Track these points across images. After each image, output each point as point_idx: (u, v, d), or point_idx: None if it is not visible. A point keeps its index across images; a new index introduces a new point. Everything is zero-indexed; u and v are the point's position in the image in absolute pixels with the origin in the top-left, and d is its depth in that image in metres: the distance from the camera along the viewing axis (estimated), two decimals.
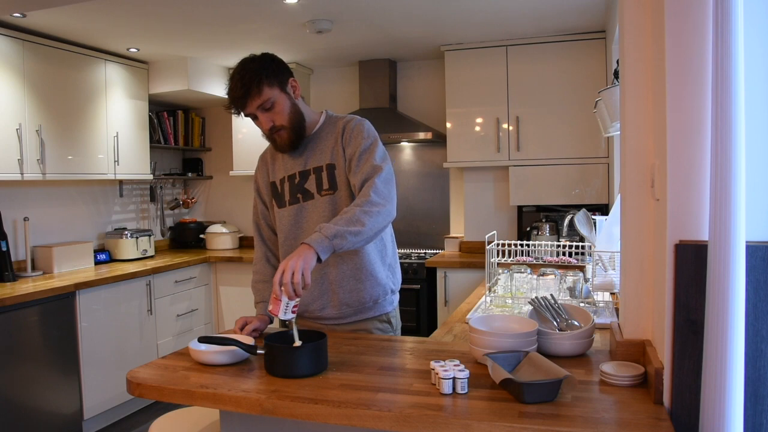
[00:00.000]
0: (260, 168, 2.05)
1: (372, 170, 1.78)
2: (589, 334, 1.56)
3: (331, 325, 1.94)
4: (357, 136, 1.85)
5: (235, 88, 1.79)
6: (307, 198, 1.91)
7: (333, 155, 1.88)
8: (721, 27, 1.00)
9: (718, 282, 1.01)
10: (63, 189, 4.00)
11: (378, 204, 1.72)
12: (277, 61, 1.86)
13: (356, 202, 1.73)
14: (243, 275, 4.45)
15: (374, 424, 1.21)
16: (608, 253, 2.20)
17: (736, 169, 0.99)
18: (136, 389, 1.44)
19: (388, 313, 1.98)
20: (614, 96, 2.26)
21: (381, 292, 1.93)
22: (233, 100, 1.81)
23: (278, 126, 1.84)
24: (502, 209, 4.30)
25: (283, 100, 1.83)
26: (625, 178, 1.44)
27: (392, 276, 1.99)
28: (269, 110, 1.81)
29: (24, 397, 3.03)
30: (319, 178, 1.89)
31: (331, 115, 1.98)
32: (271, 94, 1.79)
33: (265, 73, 1.79)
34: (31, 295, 3.06)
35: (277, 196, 1.98)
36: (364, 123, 1.89)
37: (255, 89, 1.77)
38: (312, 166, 1.91)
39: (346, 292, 1.89)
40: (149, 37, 3.75)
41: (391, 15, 3.42)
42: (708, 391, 1.04)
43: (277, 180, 1.98)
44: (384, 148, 1.88)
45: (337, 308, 1.91)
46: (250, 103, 1.79)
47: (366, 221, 1.67)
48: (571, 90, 3.90)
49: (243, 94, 1.78)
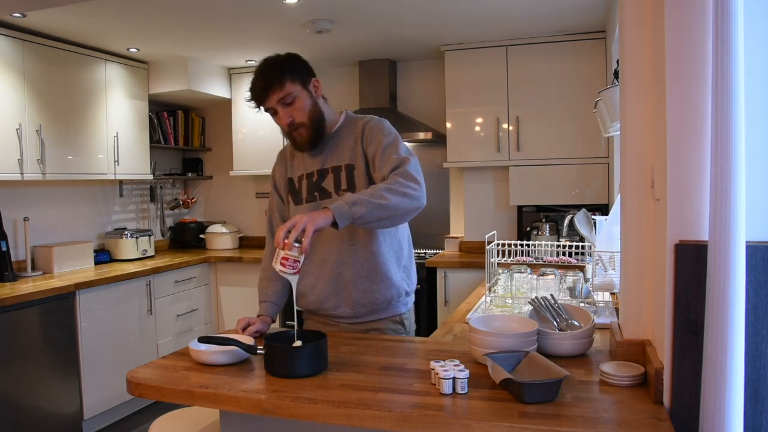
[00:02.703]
0: (279, 163, 2.05)
1: (400, 161, 1.77)
2: (589, 334, 1.56)
3: (345, 324, 1.93)
4: (378, 134, 1.85)
5: (258, 80, 1.80)
6: (324, 197, 1.90)
7: (352, 155, 1.88)
8: (721, 27, 1.00)
9: (718, 282, 1.01)
10: (63, 189, 4.00)
11: (406, 185, 1.68)
12: (302, 60, 1.88)
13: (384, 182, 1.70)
14: (243, 275, 4.45)
15: (374, 424, 1.21)
16: (608, 253, 2.20)
17: (736, 169, 0.99)
18: (136, 389, 1.44)
19: (402, 315, 1.97)
20: (614, 96, 2.26)
21: (395, 293, 1.92)
22: (255, 91, 1.82)
23: (298, 123, 1.83)
24: (502, 209, 4.30)
25: (304, 97, 1.83)
26: (625, 178, 1.44)
27: (407, 278, 1.98)
28: (289, 105, 1.81)
29: (24, 397, 3.03)
30: (338, 178, 1.89)
31: (351, 115, 1.98)
32: (292, 89, 1.80)
33: (289, 69, 1.81)
34: (31, 295, 3.06)
35: (294, 192, 1.98)
36: (383, 122, 1.90)
37: (277, 82, 1.78)
38: (330, 165, 1.91)
39: (360, 292, 1.88)
40: (149, 37, 3.75)
41: (391, 15, 3.42)
42: (708, 391, 1.04)
43: (295, 177, 1.98)
44: (407, 145, 1.87)
45: (350, 308, 1.90)
46: (271, 95, 1.79)
47: (390, 197, 1.63)
48: (571, 90, 3.89)
49: (265, 86, 1.79)
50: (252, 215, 5.11)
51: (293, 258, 1.51)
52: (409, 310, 2.02)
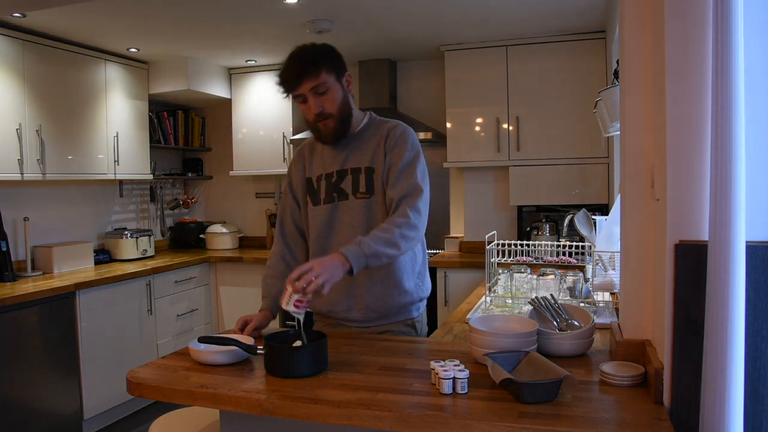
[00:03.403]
0: (296, 162, 2.02)
1: (413, 189, 1.78)
2: (589, 334, 1.56)
3: (356, 328, 1.91)
4: (401, 145, 1.84)
5: (292, 65, 1.78)
6: (342, 198, 1.89)
7: (373, 159, 1.87)
8: (721, 27, 1.00)
9: (718, 282, 1.01)
10: (63, 189, 4.00)
11: (416, 228, 1.74)
12: (338, 52, 1.87)
13: (396, 221, 1.72)
14: (243, 275, 4.45)
15: (374, 424, 1.21)
16: (608, 253, 2.20)
17: (736, 169, 0.99)
18: (136, 389, 1.44)
19: (414, 319, 1.96)
20: (614, 96, 2.26)
21: (408, 300, 1.91)
22: (287, 76, 1.79)
23: (327, 113, 1.81)
24: (502, 209, 4.30)
25: (337, 89, 1.82)
26: (625, 178, 1.44)
27: (421, 284, 1.96)
28: (321, 95, 1.79)
29: (24, 397, 3.03)
30: (356, 180, 1.87)
31: (375, 117, 1.97)
32: (327, 79, 1.78)
33: (325, 59, 1.79)
34: (31, 295, 3.06)
35: (312, 193, 1.95)
36: (409, 133, 1.88)
37: (313, 71, 1.76)
38: (350, 166, 1.89)
39: (374, 297, 1.87)
40: (149, 37, 3.75)
41: (391, 15, 3.42)
42: (708, 391, 1.04)
43: (314, 177, 1.95)
44: (425, 164, 1.87)
45: (362, 312, 1.88)
46: (305, 82, 1.77)
47: (402, 245, 1.70)
48: (571, 90, 3.89)
49: (299, 72, 1.76)
50: (252, 215, 5.11)
51: (306, 300, 1.54)
52: (422, 314, 2.00)
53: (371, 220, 1.84)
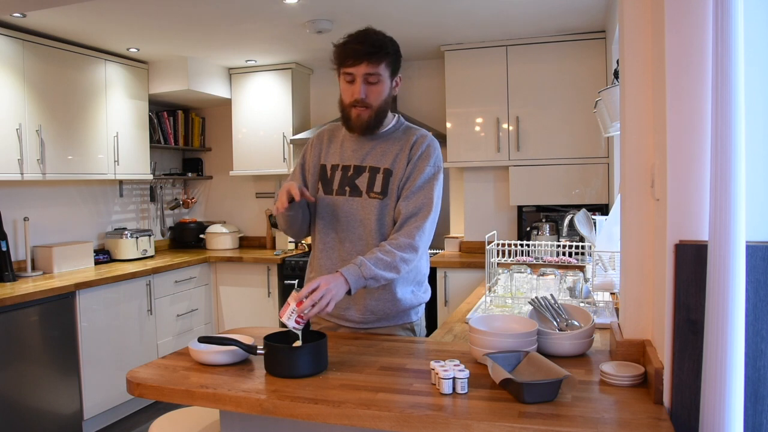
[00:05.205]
0: (314, 145, 2.00)
1: (425, 206, 1.80)
2: (589, 334, 1.56)
3: (353, 328, 1.91)
4: (425, 159, 1.85)
5: (358, 43, 1.76)
6: (354, 194, 1.88)
7: (394, 163, 1.86)
8: (721, 26, 1.00)
9: (718, 282, 1.01)
10: (63, 189, 4.00)
11: (418, 250, 1.77)
12: (401, 53, 1.87)
13: (401, 243, 1.74)
14: (243, 275, 4.45)
15: (374, 424, 1.21)
16: (608, 253, 2.20)
17: (736, 169, 0.99)
18: (136, 389, 1.44)
19: (413, 322, 1.96)
20: (614, 96, 2.26)
21: (408, 305, 1.91)
22: (348, 50, 1.76)
23: (368, 102, 1.80)
24: (502, 209, 4.30)
25: (387, 85, 1.82)
26: (625, 178, 1.44)
27: (421, 292, 1.97)
28: (371, 84, 1.79)
29: (24, 397, 3.03)
30: (373, 179, 1.86)
31: (404, 122, 1.96)
32: (383, 72, 1.79)
33: (389, 52, 1.79)
34: (31, 295, 3.06)
35: (325, 181, 1.94)
36: (435, 147, 1.88)
37: (375, 58, 1.76)
38: (369, 164, 1.88)
39: (374, 299, 1.87)
40: (149, 37, 3.75)
41: (391, 15, 3.42)
42: (708, 391, 1.04)
43: (329, 165, 1.94)
44: (442, 182, 1.88)
45: (361, 313, 1.88)
46: (364, 64, 1.76)
47: (402, 269, 1.74)
48: (571, 90, 3.89)
49: (362, 53, 1.75)
50: (252, 215, 5.11)
51: (307, 315, 1.55)
52: (420, 318, 2.00)
53: (380, 220, 1.85)
